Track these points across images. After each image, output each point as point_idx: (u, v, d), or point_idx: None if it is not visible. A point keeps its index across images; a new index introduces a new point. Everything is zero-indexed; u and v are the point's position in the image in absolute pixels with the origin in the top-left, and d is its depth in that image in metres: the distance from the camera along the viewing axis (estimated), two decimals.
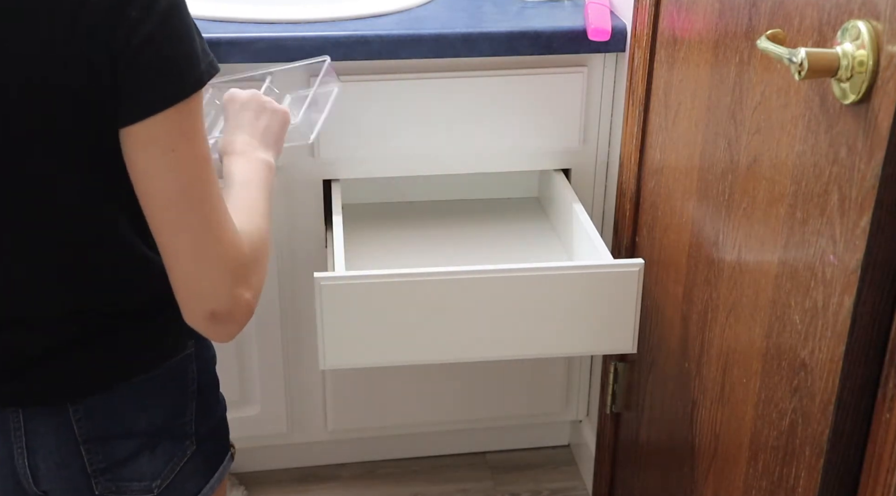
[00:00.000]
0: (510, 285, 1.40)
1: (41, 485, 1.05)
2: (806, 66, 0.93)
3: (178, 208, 0.93)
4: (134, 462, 1.06)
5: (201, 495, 1.12)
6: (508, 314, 1.42)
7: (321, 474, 2.01)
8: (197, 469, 1.11)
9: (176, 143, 0.91)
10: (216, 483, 1.14)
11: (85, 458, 1.04)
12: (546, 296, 1.41)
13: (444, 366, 1.82)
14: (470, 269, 1.38)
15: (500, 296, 1.40)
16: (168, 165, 0.91)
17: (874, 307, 0.95)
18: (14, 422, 1.02)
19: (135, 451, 1.05)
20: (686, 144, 1.39)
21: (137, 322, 1.03)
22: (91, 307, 1.00)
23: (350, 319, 1.39)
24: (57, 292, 0.99)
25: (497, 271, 1.38)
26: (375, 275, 1.37)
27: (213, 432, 1.13)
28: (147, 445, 1.06)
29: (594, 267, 1.43)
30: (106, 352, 1.02)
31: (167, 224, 0.93)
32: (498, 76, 1.65)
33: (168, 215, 0.93)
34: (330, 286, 1.36)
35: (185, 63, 0.91)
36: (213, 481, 1.13)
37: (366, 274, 1.38)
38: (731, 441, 1.27)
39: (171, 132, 0.91)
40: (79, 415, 1.02)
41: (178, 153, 0.92)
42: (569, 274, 1.41)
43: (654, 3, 1.47)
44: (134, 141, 0.91)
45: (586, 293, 1.42)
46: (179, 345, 1.07)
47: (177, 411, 1.08)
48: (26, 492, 1.06)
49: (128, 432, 1.05)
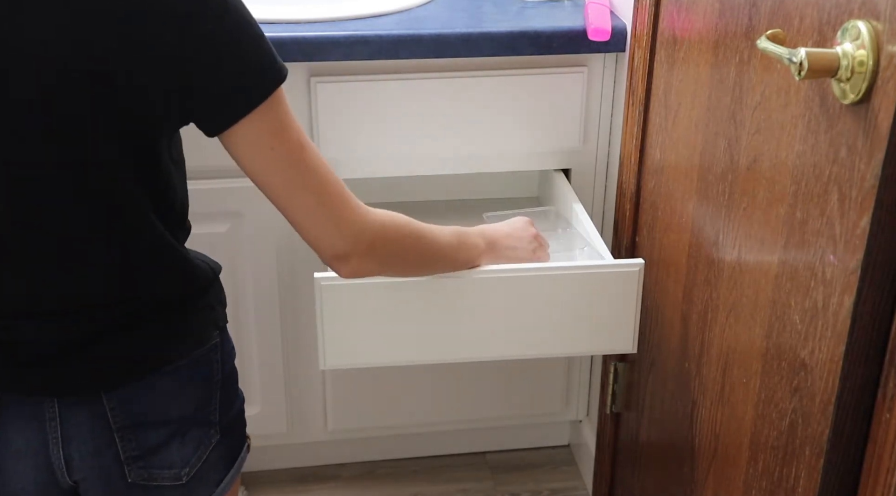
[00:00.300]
0: (510, 285, 1.39)
1: (74, 475, 1.07)
2: (806, 66, 0.93)
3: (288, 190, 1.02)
4: (165, 449, 1.08)
5: (223, 484, 1.15)
6: (508, 314, 1.42)
7: (321, 474, 2.01)
8: (220, 458, 1.14)
9: (272, 141, 0.99)
10: (235, 473, 1.16)
11: (119, 446, 1.06)
12: (546, 296, 1.41)
13: (444, 366, 1.82)
14: (470, 270, 1.38)
15: (500, 297, 1.40)
16: (270, 163, 1.00)
17: (874, 307, 0.95)
18: (49, 412, 1.04)
19: (166, 439, 1.08)
20: (686, 144, 1.39)
21: (169, 312, 1.06)
22: (130, 296, 1.03)
23: (350, 319, 1.39)
24: (100, 282, 1.01)
25: (497, 271, 1.38)
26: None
27: (233, 423, 1.15)
28: (178, 433, 1.08)
29: (594, 267, 1.43)
30: (141, 341, 1.05)
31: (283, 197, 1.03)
32: (498, 76, 1.65)
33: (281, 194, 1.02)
34: (330, 286, 1.36)
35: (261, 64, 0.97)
36: (233, 471, 1.16)
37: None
38: (731, 441, 1.27)
39: (262, 134, 0.98)
40: (112, 404, 1.04)
41: (277, 151, 0.99)
42: (569, 274, 1.41)
43: (654, 3, 1.47)
44: (232, 144, 0.99)
45: (586, 293, 1.42)
46: (206, 336, 1.10)
47: (204, 400, 1.11)
48: (58, 483, 1.07)
49: (160, 420, 1.07)
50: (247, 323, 1.77)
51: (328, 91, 1.62)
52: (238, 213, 1.68)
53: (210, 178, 1.61)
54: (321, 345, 1.40)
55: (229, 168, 1.11)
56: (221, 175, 1.57)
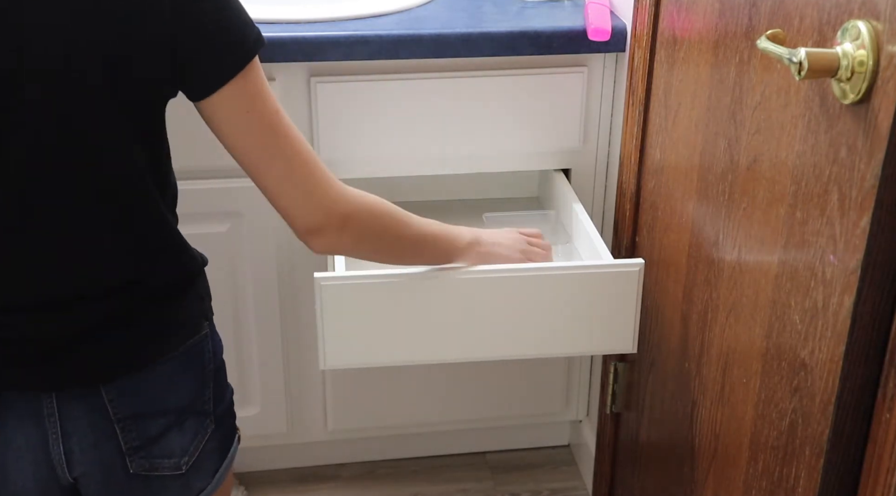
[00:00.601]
0: (510, 285, 1.39)
1: (74, 471, 1.07)
2: (806, 66, 0.93)
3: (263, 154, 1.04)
4: (165, 439, 1.09)
5: (218, 474, 1.16)
6: (508, 314, 1.42)
7: (321, 474, 2.01)
8: (215, 448, 1.15)
9: (249, 104, 1.02)
10: (229, 464, 1.18)
11: (120, 437, 1.06)
12: (546, 296, 1.41)
13: (444, 366, 1.82)
14: (470, 269, 1.38)
15: (499, 296, 1.40)
16: (247, 126, 1.03)
17: (874, 307, 0.95)
18: (48, 408, 1.04)
19: (165, 428, 1.09)
20: (686, 144, 1.39)
21: (164, 303, 1.07)
22: (131, 282, 1.04)
23: (350, 319, 1.39)
24: (105, 266, 1.03)
25: (497, 271, 1.38)
26: (375, 275, 1.37)
27: (225, 414, 1.17)
28: (176, 422, 1.10)
29: (594, 267, 1.42)
30: (137, 333, 1.06)
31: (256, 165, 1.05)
32: (498, 76, 1.65)
33: (256, 160, 1.04)
34: (330, 286, 1.36)
35: (242, 31, 1.01)
36: (227, 462, 1.17)
37: (365, 274, 1.38)
38: (731, 441, 1.27)
39: (242, 97, 1.02)
40: (111, 395, 1.05)
41: (253, 113, 1.03)
42: (569, 274, 1.41)
43: (654, 3, 1.47)
44: (211, 110, 1.02)
45: (586, 293, 1.42)
46: (198, 326, 1.12)
47: (198, 390, 1.12)
48: (58, 480, 1.07)
49: (159, 410, 1.08)
50: (247, 323, 1.77)
51: (328, 91, 1.62)
52: (238, 212, 1.68)
53: (210, 178, 1.61)
54: (321, 346, 1.40)
55: (229, 168, 1.12)
56: (222, 175, 1.57)
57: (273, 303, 1.77)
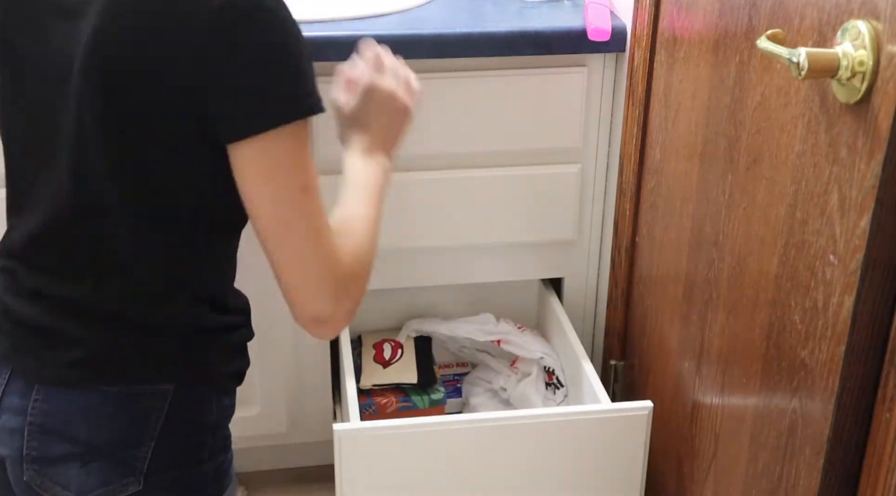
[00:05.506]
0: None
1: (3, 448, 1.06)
2: (806, 66, 0.93)
3: (276, 228, 0.97)
4: (63, 467, 1.03)
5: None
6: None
7: (321, 474, 2.01)
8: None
9: (273, 172, 0.95)
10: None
11: (25, 441, 1.03)
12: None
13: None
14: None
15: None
16: (266, 194, 0.96)
17: (874, 307, 0.95)
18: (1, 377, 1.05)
19: (65, 456, 1.03)
20: (686, 144, 1.39)
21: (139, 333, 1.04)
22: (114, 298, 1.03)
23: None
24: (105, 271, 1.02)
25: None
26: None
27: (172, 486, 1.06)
28: (81, 457, 1.03)
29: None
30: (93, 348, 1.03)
31: (269, 237, 0.98)
32: (498, 76, 1.65)
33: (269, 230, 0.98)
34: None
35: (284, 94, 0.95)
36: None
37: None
38: (731, 441, 1.27)
39: (262, 161, 0.95)
40: (38, 397, 1.03)
41: (274, 185, 0.95)
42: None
43: (654, 3, 1.47)
44: (234, 156, 0.95)
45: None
46: (154, 376, 1.04)
47: (129, 440, 1.04)
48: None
49: (66, 434, 1.03)
50: None
51: (328, 91, 1.62)
52: None
53: None
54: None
55: None
56: None
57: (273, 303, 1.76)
